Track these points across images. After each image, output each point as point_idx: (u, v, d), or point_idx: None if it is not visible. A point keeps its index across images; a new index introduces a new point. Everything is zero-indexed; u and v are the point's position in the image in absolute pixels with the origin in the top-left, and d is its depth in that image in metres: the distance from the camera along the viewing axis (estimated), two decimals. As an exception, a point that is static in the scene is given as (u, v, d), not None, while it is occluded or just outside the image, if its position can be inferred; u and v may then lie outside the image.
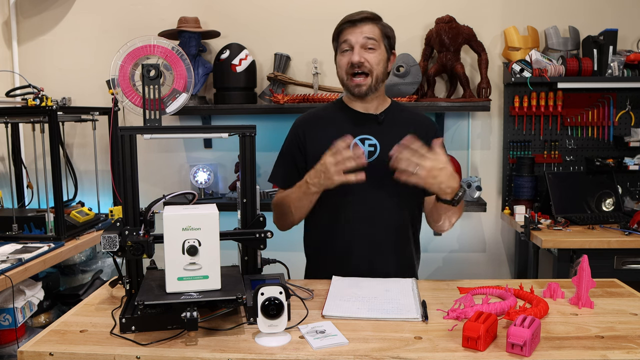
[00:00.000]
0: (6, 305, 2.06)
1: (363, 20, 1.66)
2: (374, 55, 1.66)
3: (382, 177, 1.67)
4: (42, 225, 2.37)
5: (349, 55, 1.67)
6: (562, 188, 2.75)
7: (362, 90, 1.68)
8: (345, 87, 1.72)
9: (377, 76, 1.68)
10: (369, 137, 1.70)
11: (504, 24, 2.86)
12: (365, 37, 1.64)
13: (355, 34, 1.65)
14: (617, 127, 2.87)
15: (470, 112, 2.91)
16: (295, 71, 2.96)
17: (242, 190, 1.47)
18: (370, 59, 1.65)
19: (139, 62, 2.17)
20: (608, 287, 1.56)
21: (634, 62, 2.68)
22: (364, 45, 1.65)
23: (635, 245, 2.35)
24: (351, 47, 1.66)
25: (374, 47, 1.66)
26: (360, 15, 1.66)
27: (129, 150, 1.38)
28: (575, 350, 1.14)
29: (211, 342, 1.20)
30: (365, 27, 1.65)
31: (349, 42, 1.66)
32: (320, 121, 1.78)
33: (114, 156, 2.64)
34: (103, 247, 1.29)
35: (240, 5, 2.95)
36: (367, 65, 1.65)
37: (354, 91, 1.69)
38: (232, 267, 1.48)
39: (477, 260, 3.04)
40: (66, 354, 1.17)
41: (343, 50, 1.68)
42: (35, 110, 2.34)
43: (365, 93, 1.69)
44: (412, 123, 1.75)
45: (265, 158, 2.55)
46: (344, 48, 1.68)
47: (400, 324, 1.29)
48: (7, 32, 3.03)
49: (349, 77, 1.68)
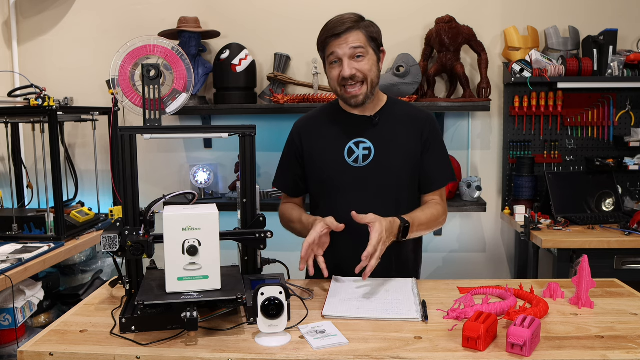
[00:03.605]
0: (6, 305, 2.06)
1: (346, 30, 1.60)
2: (364, 63, 1.62)
3: (377, 180, 1.67)
4: (42, 225, 2.37)
5: (338, 67, 1.63)
6: (562, 188, 2.75)
7: (360, 100, 1.65)
8: (341, 97, 1.69)
9: (371, 81, 1.64)
10: (364, 140, 1.69)
11: (504, 24, 2.86)
12: (351, 48, 1.60)
13: (341, 46, 1.60)
14: (617, 127, 2.87)
15: (470, 112, 2.91)
16: (295, 71, 2.96)
17: (242, 190, 1.47)
18: (361, 67, 1.61)
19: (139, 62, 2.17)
20: (608, 287, 1.56)
21: (634, 62, 2.68)
22: (352, 55, 1.60)
23: (635, 245, 2.35)
24: (339, 60, 1.62)
25: (363, 55, 1.61)
26: (343, 27, 1.60)
27: (129, 150, 1.38)
28: (575, 350, 1.15)
29: (211, 342, 1.20)
30: (350, 37, 1.60)
31: (336, 55, 1.62)
32: (317, 126, 1.77)
33: (114, 156, 2.64)
34: (103, 247, 1.29)
35: (240, 5, 2.95)
36: (359, 75, 1.62)
37: (351, 102, 1.66)
38: (232, 267, 1.48)
39: (477, 260, 3.04)
40: (66, 354, 1.17)
41: (331, 62, 1.64)
42: (35, 110, 2.34)
43: (362, 102, 1.66)
44: (407, 120, 1.73)
45: (265, 158, 2.55)
46: (332, 60, 1.64)
47: (400, 324, 1.29)
48: (7, 32, 3.03)
49: (342, 88, 1.65)
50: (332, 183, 1.70)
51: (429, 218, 1.66)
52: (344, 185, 1.69)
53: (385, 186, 1.67)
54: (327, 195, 1.73)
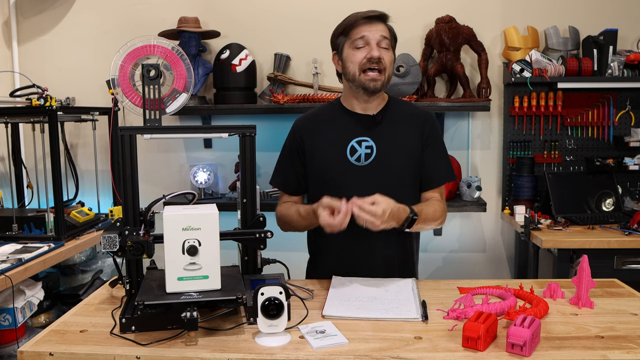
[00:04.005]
0: (6, 305, 2.06)
1: (379, 18, 1.65)
2: (389, 55, 1.66)
3: (379, 179, 1.67)
4: (42, 225, 2.37)
5: (365, 50, 1.64)
6: (562, 188, 2.75)
7: (378, 85, 1.65)
8: (357, 82, 1.66)
9: (388, 75, 1.67)
10: (366, 138, 1.69)
11: (504, 24, 2.86)
12: (381, 35, 1.64)
13: (372, 30, 1.63)
14: (617, 127, 2.87)
15: (470, 112, 2.91)
16: (295, 71, 2.96)
17: (242, 190, 1.47)
18: (385, 57, 1.64)
19: (139, 62, 2.17)
20: (608, 287, 1.56)
21: (634, 62, 2.68)
22: (380, 43, 1.64)
23: (635, 245, 2.35)
24: (367, 43, 1.64)
25: (387, 47, 1.66)
26: (376, 13, 1.65)
27: (129, 150, 1.38)
28: (575, 350, 1.15)
29: (211, 342, 1.20)
30: (380, 26, 1.65)
31: (366, 39, 1.63)
32: (318, 124, 1.77)
33: (114, 156, 2.64)
34: (103, 247, 1.29)
35: (240, 5, 2.95)
36: (383, 62, 1.64)
37: (369, 85, 1.65)
38: (232, 267, 1.48)
39: (477, 260, 3.04)
40: (66, 354, 1.17)
41: (357, 46, 1.65)
42: (35, 110, 2.34)
43: (379, 89, 1.66)
44: (408, 118, 1.74)
45: (265, 158, 2.55)
46: (359, 44, 1.64)
47: (400, 324, 1.29)
48: (7, 32, 3.03)
49: (363, 73, 1.64)
50: (334, 182, 1.70)
51: (433, 215, 1.66)
52: (346, 184, 1.68)
53: (387, 185, 1.67)
54: (328, 193, 1.72)
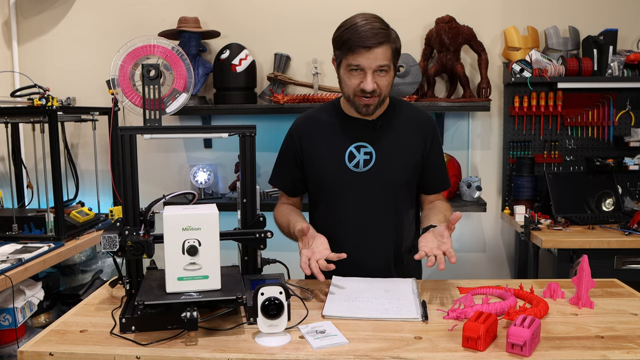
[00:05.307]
0: (6, 305, 2.06)
1: (378, 44, 1.55)
2: (385, 79, 1.60)
3: (377, 185, 1.67)
4: (42, 225, 2.36)
5: (359, 77, 1.58)
6: (562, 188, 2.75)
7: (370, 110, 1.63)
8: (351, 103, 1.65)
9: (384, 96, 1.63)
10: (365, 144, 1.68)
11: (504, 24, 2.86)
12: (378, 65, 1.56)
13: (369, 60, 1.56)
14: (617, 127, 2.87)
15: (470, 112, 2.91)
16: (295, 71, 2.96)
17: (242, 190, 1.47)
18: (381, 83, 1.59)
19: (139, 62, 2.17)
20: (608, 287, 1.56)
21: (634, 62, 2.68)
22: (376, 70, 1.58)
23: (635, 245, 2.35)
24: (363, 71, 1.58)
25: (386, 71, 1.59)
26: (375, 40, 1.54)
27: (129, 150, 1.38)
28: (575, 350, 1.15)
29: (211, 342, 1.20)
30: (380, 52, 1.56)
31: (361, 67, 1.57)
32: (316, 127, 1.74)
33: (114, 156, 2.64)
34: (103, 247, 1.29)
35: (240, 6, 2.95)
36: (377, 90, 1.59)
37: (362, 110, 1.64)
38: (232, 267, 1.48)
39: (477, 260, 3.04)
40: (66, 354, 1.17)
41: (352, 69, 1.59)
42: (36, 110, 2.34)
43: (372, 112, 1.65)
44: (410, 124, 1.72)
45: (265, 158, 2.55)
46: (354, 68, 1.59)
47: (400, 324, 1.29)
48: (7, 32, 3.03)
49: (357, 97, 1.62)
50: (332, 187, 1.70)
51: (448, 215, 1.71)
52: (344, 189, 1.68)
53: (385, 192, 1.67)
54: (326, 199, 1.73)
